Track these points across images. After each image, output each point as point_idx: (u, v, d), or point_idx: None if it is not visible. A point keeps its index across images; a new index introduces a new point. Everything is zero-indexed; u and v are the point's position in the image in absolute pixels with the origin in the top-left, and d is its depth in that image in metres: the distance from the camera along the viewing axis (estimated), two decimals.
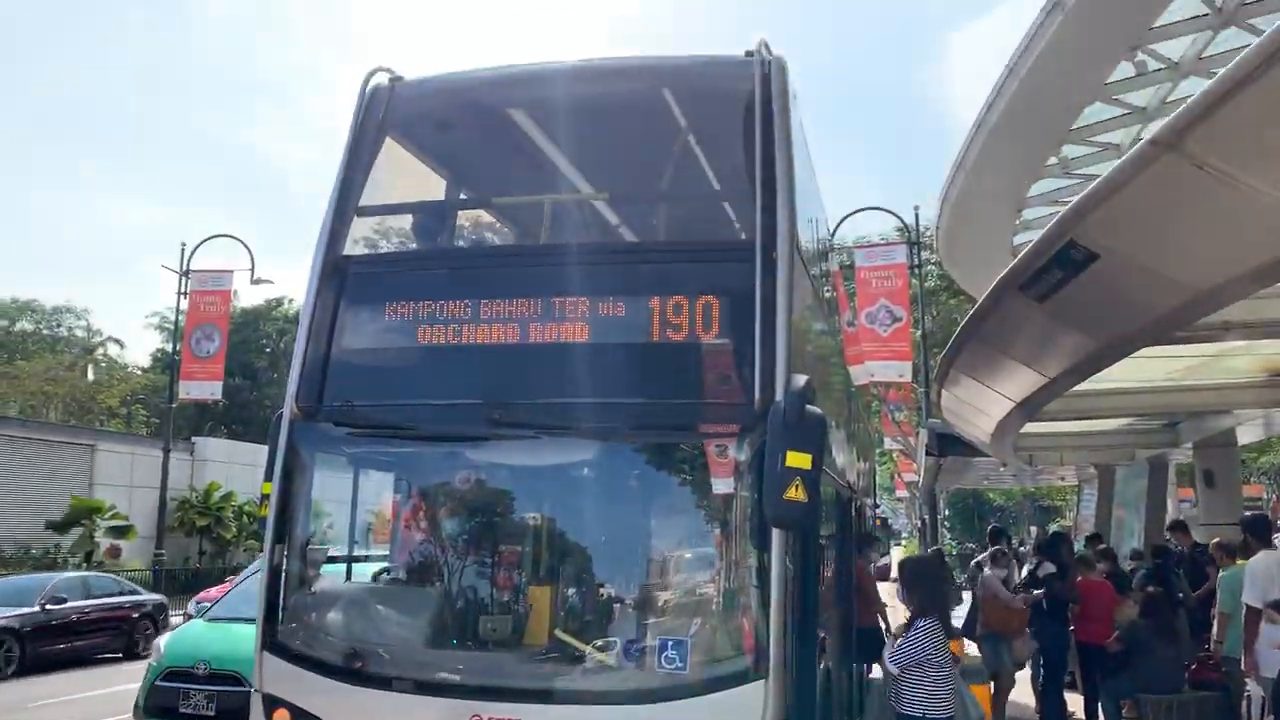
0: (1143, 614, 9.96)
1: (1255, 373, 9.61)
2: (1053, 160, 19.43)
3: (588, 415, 5.15)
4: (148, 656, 11.95)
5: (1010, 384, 8.34)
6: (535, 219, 6.74)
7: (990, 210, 21.56)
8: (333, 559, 6.16)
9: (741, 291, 4.95)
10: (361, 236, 6.15)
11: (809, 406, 4.55)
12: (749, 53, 5.58)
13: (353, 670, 5.03)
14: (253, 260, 29.22)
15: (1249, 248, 4.55)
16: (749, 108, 5.40)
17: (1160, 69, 15.67)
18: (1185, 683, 9.33)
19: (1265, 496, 37.55)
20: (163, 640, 10.56)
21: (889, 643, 7.95)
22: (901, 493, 46.84)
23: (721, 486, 5.14)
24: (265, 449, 5.70)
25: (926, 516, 28.94)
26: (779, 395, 4.65)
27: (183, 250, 29.20)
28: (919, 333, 25.60)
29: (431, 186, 6.98)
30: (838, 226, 25.06)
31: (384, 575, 6.23)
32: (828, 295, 9.74)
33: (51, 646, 16.75)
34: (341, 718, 5.01)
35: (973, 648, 11.98)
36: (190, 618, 14.02)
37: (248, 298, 50.45)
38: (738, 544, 5.09)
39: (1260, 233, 4.38)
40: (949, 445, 15.24)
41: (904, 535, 66.73)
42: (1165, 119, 3.95)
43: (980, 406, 9.91)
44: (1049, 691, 10.83)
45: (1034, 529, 40.10)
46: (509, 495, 5.67)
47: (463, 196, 7.41)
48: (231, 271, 27.90)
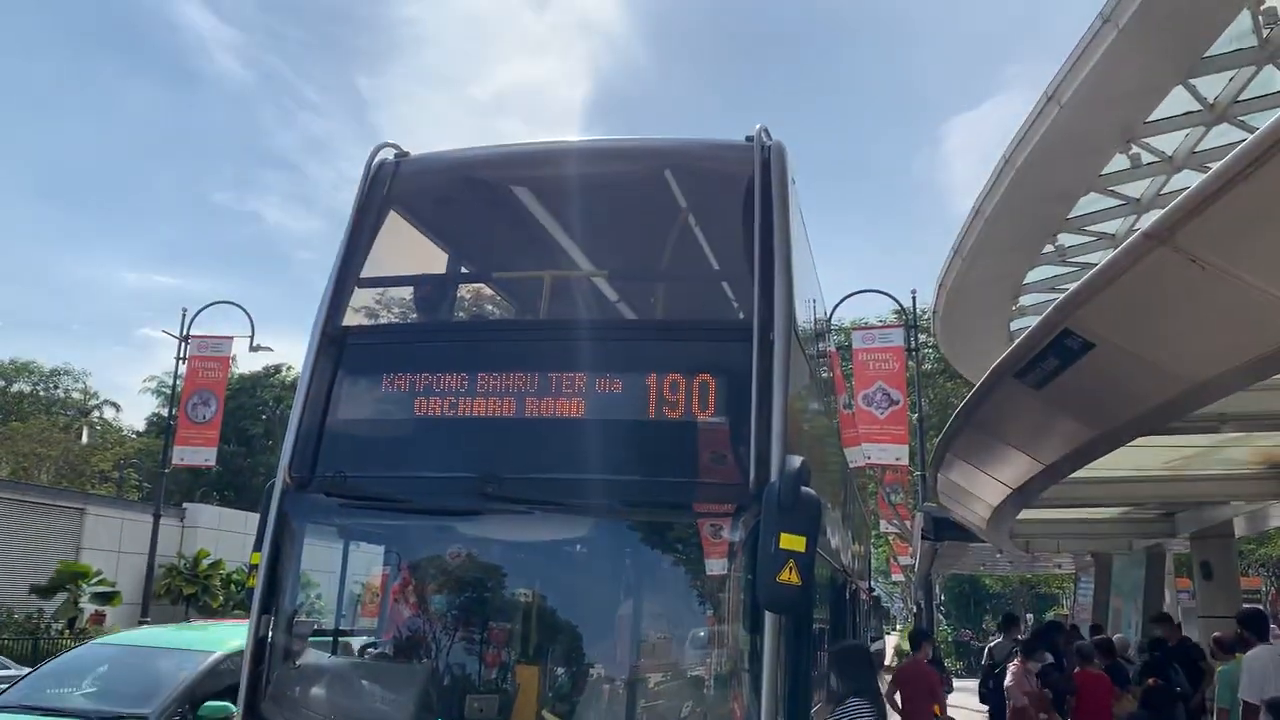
0: (1142, 705, 9.82)
1: (1253, 464, 9.59)
2: (1049, 248, 19.69)
3: (581, 491, 5.12)
4: None
5: (1006, 470, 8.32)
6: (535, 294, 6.79)
7: (987, 296, 21.78)
8: (320, 632, 6.08)
9: (738, 371, 4.95)
10: (362, 307, 6.19)
11: (804, 488, 4.52)
12: (749, 137, 5.68)
13: None
14: (253, 327, 29.26)
15: (1242, 341, 4.57)
16: (748, 191, 5.48)
17: (1155, 162, 15.97)
18: None
19: (1264, 589, 37.16)
20: None
21: None
22: (897, 576, 46.34)
23: (714, 567, 5.10)
24: (256, 517, 5.65)
25: (922, 601, 28.59)
26: (774, 476, 4.63)
27: (183, 316, 29.30)
28: (915, 416, 25.59)
29: (433, 260, 7.04)
30: (835, 308, 25.26)
31: (371, 650, 6.14)
32: (825, 376, 9.77)
33: None
34: None
35: None
36: None
37: (246, 364, 50.62)
38: (730, 626, 5.03)
39: (1253, 327, 4.41)
40: (945, 530, 15.15)
41: (899, 621, 65.82)
42: (1159, 211, 4.00)
43: (976, 491, 9.88)
44: None
45: (1030, 617, 39.63)
46: (500, 571, 5.62)
47: (463, 270, 7.47)
48: (231, 338, 27.95)
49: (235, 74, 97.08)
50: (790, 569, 4.32)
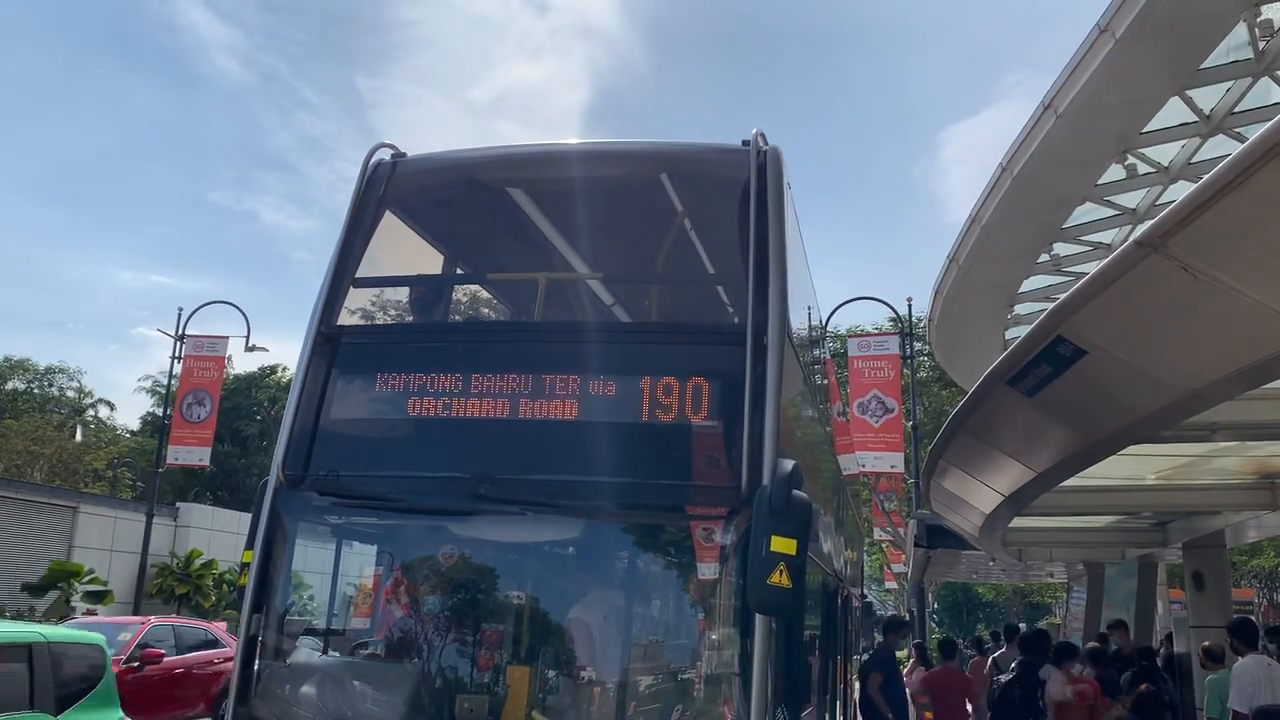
0: (1133, 711, 9.85)
1: (1245, 474, 9.60)
2: (1045, 257, 19.74)
3: (574, 493, 5.14)
4: None
5: (999, 477, 8.33)
6: (530, 296, 6.80)
7: (982, 304, 21.83)
8: (311, 631, 6.07)
9: (732, 375, 4.97)
10: (357, 307, 6.20)
11: (795, 492, 4.54)
12: (745, 142, 5.70)
13: None
14: (249, 327, 29.26)
15: (1234, 350, 4.59)
16: (744, 195, 5.50)
17: (1150, 172, 16.02)
18: None
19: (1256, 600, 37.20)
20: None
21: None
22: (890, 584, 46.34)
23: (706, 570, 5.11)
24: (249, 516, 5.65)
25: (915, 609, 28.60)
26: (766, 479, 4.65)
27: (179, 315, 29.29)
28: (910, 423, 25.62)
29: (428, 261, 7.06)
30: (831, 315, 25.29)
31: (362, 649, 6.13)
32: (819, 383, 9.79)
33: None
34: None
35: None
36: None
37: (241, 364, 50.64)
38: (721, 629, 5.04)
39: (1244, 336, 4.42)
40: (938, 538, 15.16)
41: None
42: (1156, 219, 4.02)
43: (969, 499, 9.88)
44: None
45: (1023, 626, 39.61)
46: (492, 572, 5.62)
47: (459, 271, 7.49)
48: (226, 338, 27.96)
49: (234, 74, 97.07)
50: (781, 572, 4.33)
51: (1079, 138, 14.46)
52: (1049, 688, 10.39)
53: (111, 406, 59.00)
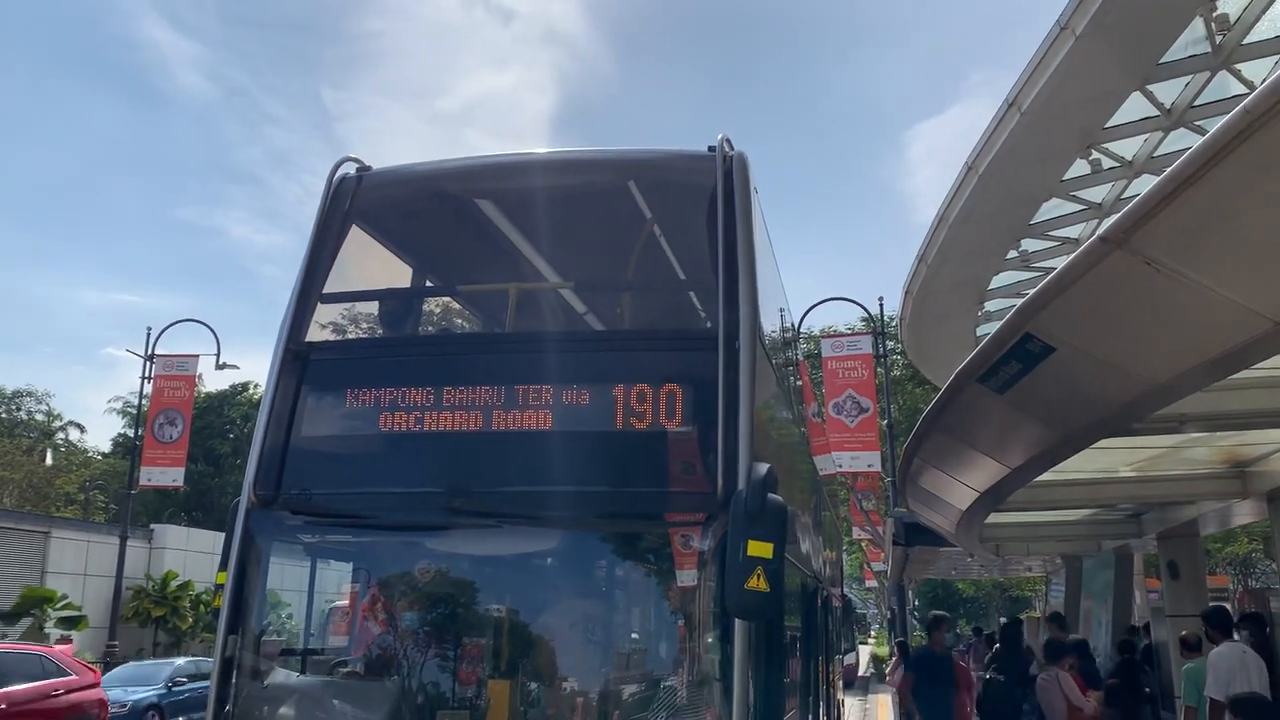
0: (1106, 704, 9.92)
1: (1216, 464, 9.69)
2: (1013, 254, 19.88)
3: (549, 504, 5.12)
4: None
5: (974, 474, 8.36)
6: (500, 307, 6.78)
7: (952, 301, 21.96)
8: (288, 651, 6.02)
9: (704, 380, 4.97)
10: (327, 323, 6.15)
11: (771, 495, 4.54)
12: (711, 148, 5.70)
13: None
14: (219, 345, 29.07)
15: (1199, 342, 4.62)
16: (712, 201, 5.51)
17: (1115, 167, 16.18)
18: None
19: (1231, 586, 37.60)
20: None
21: None
22: (871, 582, 46.54)
23: (684, 577, 5.10)
24: (224, 536, 5.60)
25: (895, 607, 28.71)
26: (741, 484, 4.65)
27: (148, 335, 29.03)
28: (885, 422, 25.73)
29: (397, 274, 7.01)
30: (804, 316, 25.37)
31: (340, 668, 6.08)
32: (793, 384, 9.80)
33: None
34: None
35: None
36: None
37: (213, 382, 50.21)
38: (700, 634, 5.03)
39: (1210, 328, 4.46)
40: (916, 535, 15.21)
41: (874, 625, 65.97)
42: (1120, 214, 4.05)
43: (945, 496, 9.91)
44: None
45: (1003, 620, 39.80)
46: (469, 585, 5.59)
47: (428, 284, 7.45)
48: (197, 356, 27.73)
49: (198, 89, 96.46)
50: (758, 576, 4.33)
51: (1043, 134, 14.58)
52: (1067, 693, 10.19)
53: (82, 429, 58.32)
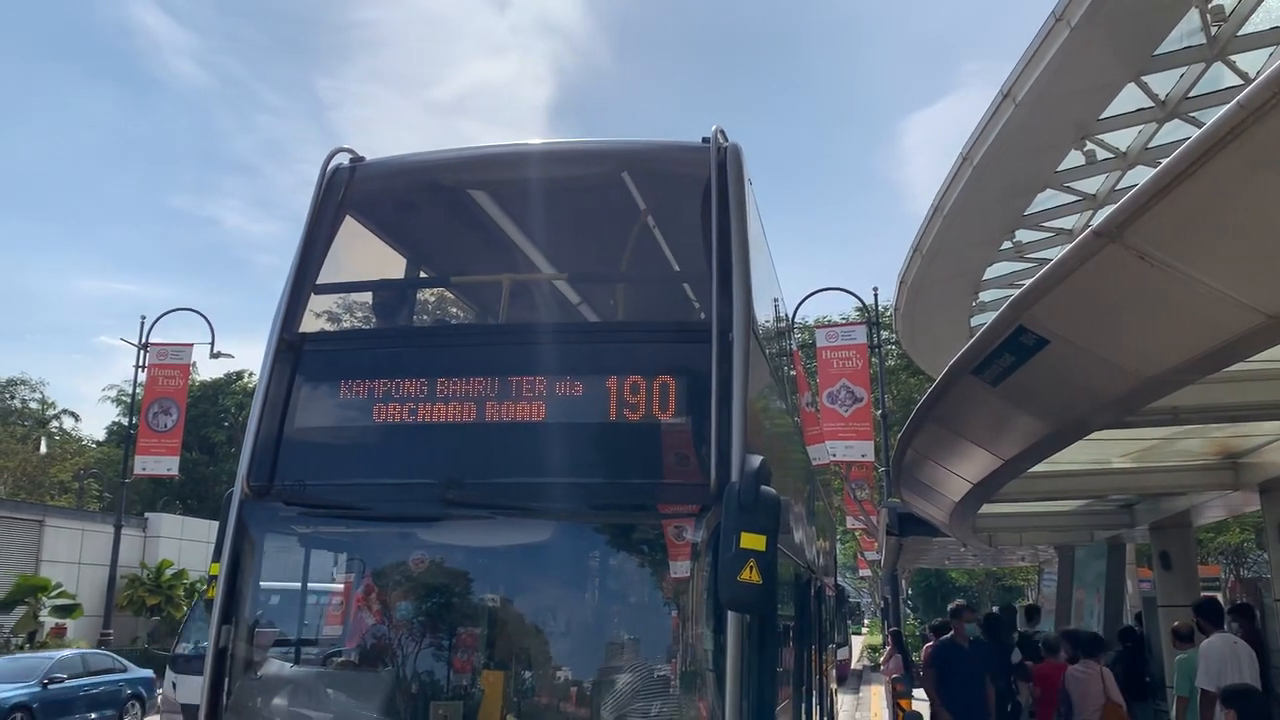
0: None
1: (1208, 455, 9.73)
2: (1008, 244, 19.90)
3: (543, 495, 5.13)
4: None
5: (967, 465, 8.39)
6: (494, 298, 6.78)
7: (947, 292, 21.98)
8: (282, 641, 6.02)
9: (697, 372, 4.97)
10: (322, 312, 6.15)
11: (764, 487, 4.54)
12: (705, 139, 5.69)
13: None
14: (213, 334, 28.98)
15: (1192, 336, 4.64)
16: (705, 192, 5.50)
17: (1109, 158, 16.18)
18: None
19: (1223, 576, 37.76)
20: None
21: None
22: (865, 572, 46.64)
23: (677, 568, 5.10)
24: (218, 525, 5.59)
25: (889, 596, 28.81)
26: (734, 476, 4.65)
27: (142, 323, 28.96)
28: (879, 412, 25.76)
29: (391, 265, 7.00)
30: (799, 307, 25.38)
31: (334, 658, 6.09)
32: (787, 374, 9.81)
33: None
34: None
35: None
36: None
37: (207, 371, 50.11)
38: (694, 627, 5.04)
39: (1203, 322, 4.48)
40: (909, 525, 15.25)
41: (868, 615, 66.15)
42: (1114, 207, 4.05)
43: (938, 487, 9.95)
44: None
45: (996, 609, 39.95)
46: (463, 576, 5.59)
47: (422, 275, 7.44)
48: (191, 345, 27.67)
49: (192, 77, 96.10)
50: (751, 568, 4.33)
51: (1038, 125, 14.58)
52: (1109, 688, 9.78)
53: (76, 417, 58.30)
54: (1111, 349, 5.13)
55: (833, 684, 17.03)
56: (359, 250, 6.61)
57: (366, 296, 6.69)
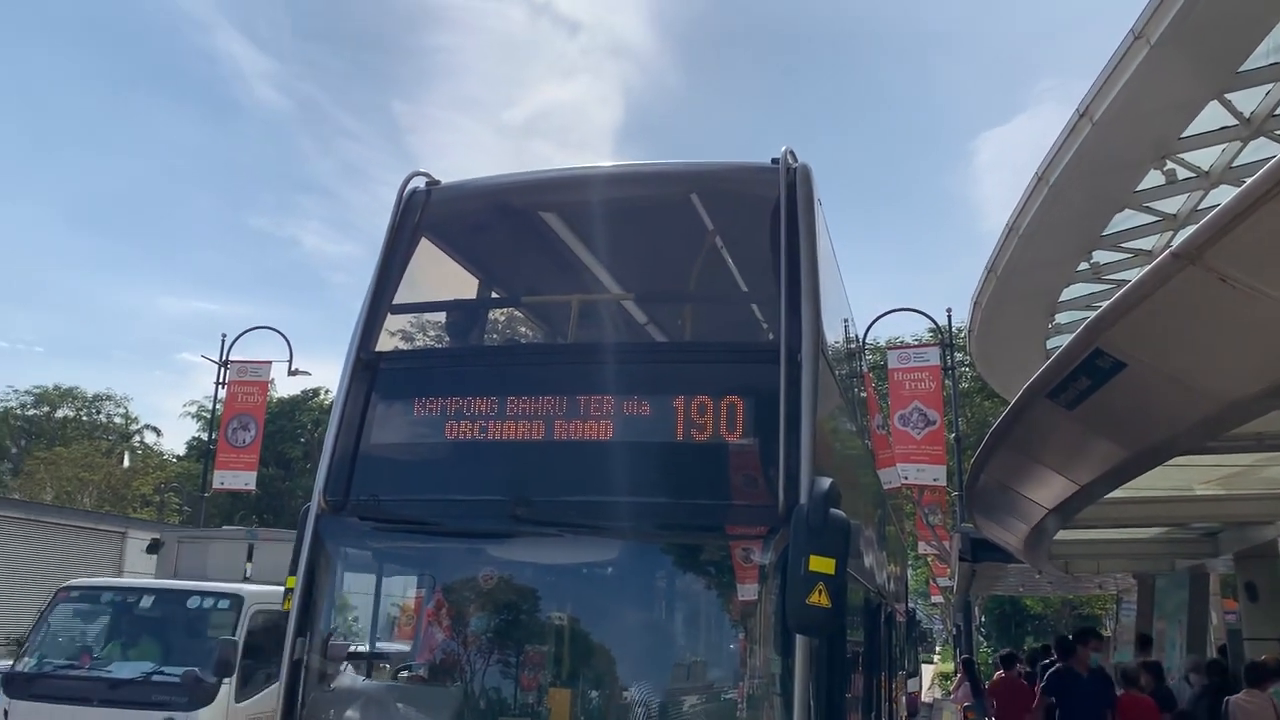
0: None
1: None
2: (1084, 265, 19.48)
3: (610, 514, 5.15)
4: None
5: (1041, 490, 8.24)
6: (563, 318, 6.85)
7: (1022, 314, 21.58)
8: (355, 655, 6.13)
9: (766, 392, 4.96)
10: (397, 331, 6.27)
11: (833, 510, 4.50)
12: (775, 160, 5.70)
13: None
14: (291, 352, 29.51)
15: (1276, 359, 4.52)
16: (774, 213, 5.50)
17: (1190, 177, 15.78)
18: None
19: None
20: None
21: None
22: (936, 598, 45.77)
23: (745, 590, 5.09)
24: (294, 541, 5.72)
25: (961, 624, 28.25)
26: (803, 498, 4.62)
27: (223, 341, 29.66)
28: (953, 435, 25.34)
29: (464, 285, 7.12)
30: (870, 327, 25.10)
31: (405, 672, 6.18)
32: (857, 396, 9.73)
33: None
34: None
35: None
36: None
37: (285, 388, 51.29)
38: (761, 649, 5.01)
39: None
40: (983, 551, 14.98)
41: (939, 642, 64.82)
42: (1194, 227, 3.97)
43: (1012, 513, 9.77)
44: None
45: (1070, 636, 38.85)
46: (531, 593, 5.64)
47: (493, 295, 7.55)
48: (270, 363, 28.22)
49: (273, 102, 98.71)
50: (820, 591, 4.29)
51: (1116, 144, 14.28)
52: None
53: (158, 432, 59.71)
54: (1191, 373, 5.01)
55: (903, 712, 16.72)
56: (433, 271, 6.73)
57: (439, 316, 6.81)
